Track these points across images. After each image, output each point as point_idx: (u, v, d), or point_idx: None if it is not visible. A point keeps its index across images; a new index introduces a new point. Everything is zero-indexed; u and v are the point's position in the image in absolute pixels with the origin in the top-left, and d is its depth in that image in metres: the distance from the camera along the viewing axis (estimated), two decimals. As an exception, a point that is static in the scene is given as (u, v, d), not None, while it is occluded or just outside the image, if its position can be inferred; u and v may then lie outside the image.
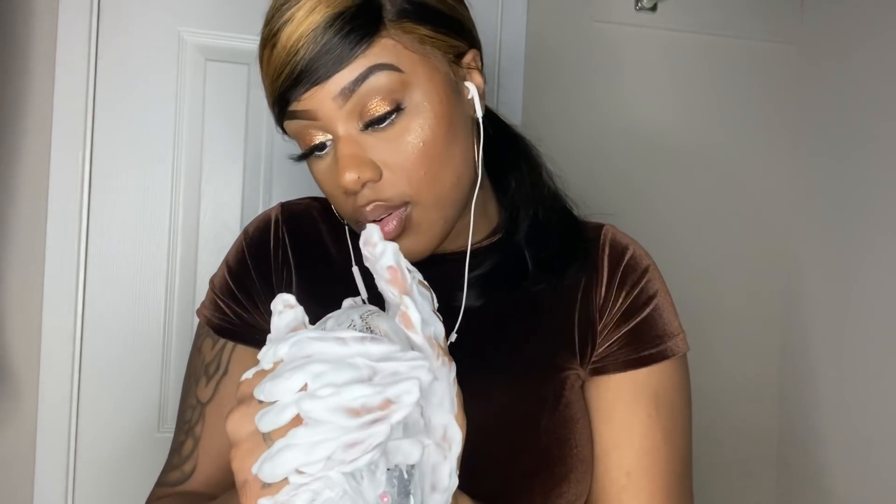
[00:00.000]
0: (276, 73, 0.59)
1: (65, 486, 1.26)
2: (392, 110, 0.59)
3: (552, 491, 0.64)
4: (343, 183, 0.59)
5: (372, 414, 0.40)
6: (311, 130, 0.61)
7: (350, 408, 0.40)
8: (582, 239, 0.72)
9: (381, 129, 0.59)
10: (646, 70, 1.49)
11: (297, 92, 0.59)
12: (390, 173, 0.60)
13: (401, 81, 0.59)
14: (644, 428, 0.66)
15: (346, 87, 0.58)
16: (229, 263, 0.76)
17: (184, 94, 1.31)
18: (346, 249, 0.73)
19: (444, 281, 0.66)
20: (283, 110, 0.61)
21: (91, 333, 1.28)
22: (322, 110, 0.59)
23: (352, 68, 0.58)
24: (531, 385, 0.67)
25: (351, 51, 0.57)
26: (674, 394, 0.68)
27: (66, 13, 1.26)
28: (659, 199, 1.49)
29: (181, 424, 0.74)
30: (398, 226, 0.61)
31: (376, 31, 0.58)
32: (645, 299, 0.69)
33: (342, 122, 0.59)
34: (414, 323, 0.43)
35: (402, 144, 0.60)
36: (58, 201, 1.26)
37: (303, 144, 0.63)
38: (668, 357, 0.67)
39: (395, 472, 0.42)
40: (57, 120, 1.26)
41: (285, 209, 0.78)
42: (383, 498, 0.41)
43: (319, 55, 0.57)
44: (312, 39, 0.57)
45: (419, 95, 0.60)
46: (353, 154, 0.59)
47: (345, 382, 0.40)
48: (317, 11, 0.58)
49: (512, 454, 0.64)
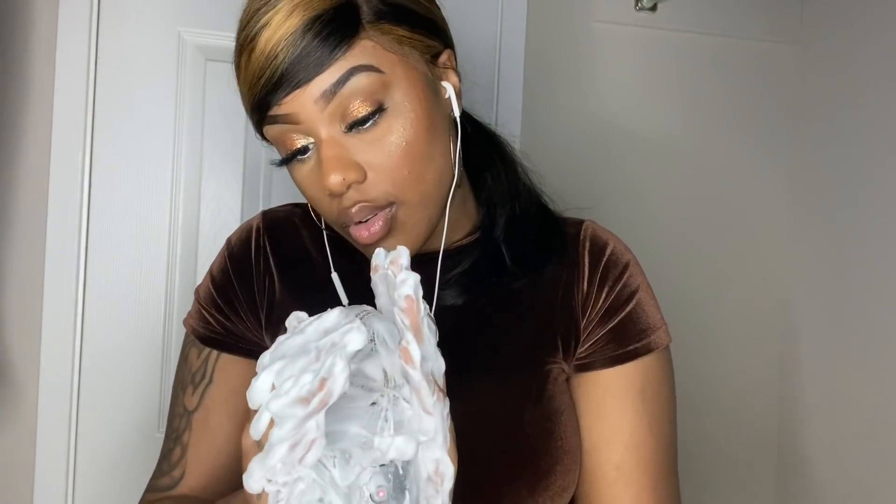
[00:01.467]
0: (254, 78, 0.59)
1: (65, 486, 1.26)
2: (374, 111, 0.59)
3: (538, 483, 0.65)
4: (328, 185, 0.59)
5: (316, 397, 0.40)
6: (293, 134, 0.61)
7: (301, 397, 0.40)
8: (559, 233, 0.73)
9: (364, 130, 0.60)
10: (646, 70, 1.49)
11: (277, 96, 0.59)
12: (374, 174, 0.60)
13: (381, 82, 0.59)
14: (632, 423, 0.67)
15: (328, 89, 0.58)
16: (213, 274, 0.77)
17: (184, 94, 1.31)
18: (325, 252, 0.74)
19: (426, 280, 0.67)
20: (263, 115, 0.61)
21: (91, 333, 1.28)
22: (303, 114, 0.59)
23: (332, 71, 0.58)
24: (515, 379, 0.68)
25: (331, 53, 0.57)
26: (659, 386, 0.69)
27: (66, 13, 1.26)
28: (659, 199, 1.49)
29: (170, 432, 0.75)
30: (384, 226, 0.61)
31: (355, 34, 0.58)
32: (627, 295, 0.70)
33: (324, 125, 0.59)
34: (414, 360, 0.43)
35: (386, 145, 0.60)
36: (58, 201, 1.26)
37: (283, 149, 0.62)
38: (652, 350, 0.69)
39: (389, 468, 0.42)
40: (57, 120, 1.26)
41: (267, 217, 0.79)
42: (380, 493, 0.41)
43: (299, 59, 0.57)
44: (291, 43, 0.57)
45: (399, 95, 0.60)
46: (337, 156, 0.59)
47: (301, 371, 0.41)
48: (294, 15, 0.58)
49: (497, 448, 0.65)
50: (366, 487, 0.42)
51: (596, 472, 0.68)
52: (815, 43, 1.50)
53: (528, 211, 0.74)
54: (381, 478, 0.42)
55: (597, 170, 1.45)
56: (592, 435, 0.68)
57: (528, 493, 0.65)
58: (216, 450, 0.72)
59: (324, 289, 0.72)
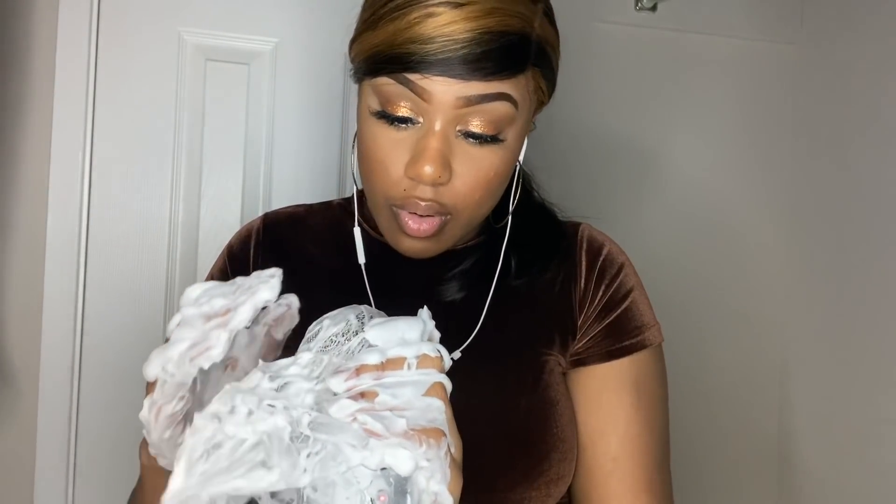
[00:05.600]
0: (419, 40, 0.58)
1: (65, 486, 1.26)
2: (492, 136, 0.62)
3: (533, 469, 0.67)
4: (421, 171, 0.60)
5: (215, 320, 0.47)
6: (406, 102, 0.61)
7: (206, 314, 0.47)
8: (563, 239, 0.76)
9: (472, 144, 0.62)
10: (646, 70, 1.49)
11: (431, 70, 0.59)
12: (456, 185, 0.63)
13: (510, 117, 0.62)
14: (627, 416, 0.70)
15: (475, 97, 0.60)
16: (214, 276, 0.79)
17: (184, 94, 1.31)
18: (328, 251, 0.77)
19: (430, 278, 0.72)
20: (394, 68, 0.60)
21: (91, 333, 1.28)
22: (439, 99, 0.60)
23: (488, 85, 0.60)
24: (511, 368, 0.70)
25: (499, 71, 0.59)
26: (653, 382, 0.72)
27: (66, 13, 1.26)
28: (657, 199, 1.49)
29: None
30: (432, 230, 0.65)
31: (522, 68, 0.61)
32: (623, 293, 0.73)
33: (446, 120, 0.61)
34: (378, 432, 0.43)
35: (480, 168, 0.63)
36: (58, 201, 1.26)
37: (383, 104, 0.62)
38: (646, 346, 0.72)
39: (391, 471, 0.42)
40: (57, 120, 1.26)
41: (267, 218, 0.81)
42: (381, 498, 0.41)
43: (474, 57, 0.58)
44: (476, 40, 0.58)
45: (513, 135, 0.64)
46: (442, 152, 0.61)
47: (218, 295, 0.48)
48: (490, 16, 0.59)
49: (494, 435, 0.67)
50: (366, 491, 0.42)
51: (592, 464, 0.70)
52: (815, 43, 1.50)
53: (534, 217, 0.77)
54: (382, 482, 0.42)
55: (596, 169, 1.45)
56: (588, 428, 0.70)
57: (523, 479, 0.66)
58: None
59: (325, 288, 0.73)
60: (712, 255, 1.51)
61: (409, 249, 0.67)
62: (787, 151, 1.54)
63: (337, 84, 1.36)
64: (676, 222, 1.50)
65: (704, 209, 1.51)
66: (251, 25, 1.30)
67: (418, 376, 0.46)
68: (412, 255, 0.68)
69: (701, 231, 1.51)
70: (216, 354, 0.46)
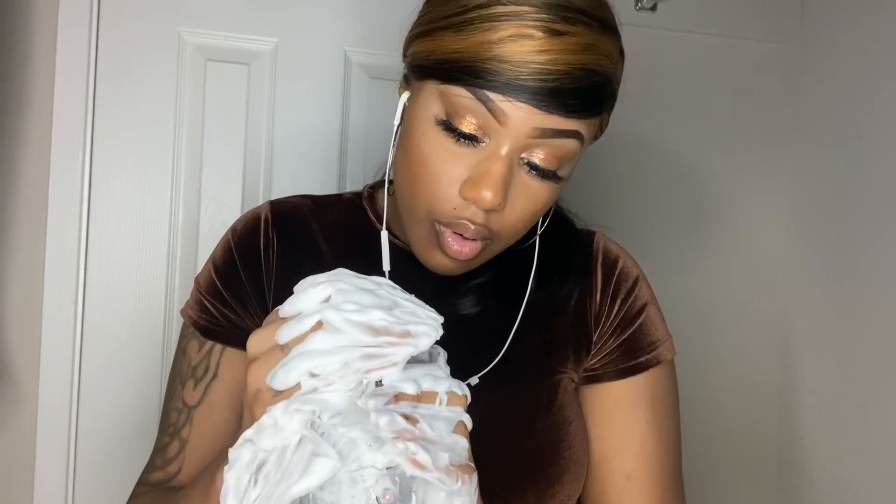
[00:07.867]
0: (510, 59, 0.55)
1: (65, 486, 1.26)
2: (552, 171, 0.61)
3: (545, 491, 0.65)
4: (480, 195, 0.58)
5: (390, 337, 0.43)
6: (475, 119, 0.58)
7: (371, 326, 0.43)
8: (582, 252, 0.74)
9: (532, 176, 0.60)
10: (646, 70, 1.49)
11: (517, 94, 0.56)
12: (508, 213, 0.61)
13: (575, 154, 0.61)
14: (642, 433, 0.69)
15: (550, 130, 0.58)
16: (216, 262, 0.75)
17: (184, 94, 1.31)
18: (340, 249, 0.74)
19: (445, 290, 0.70)
20: (477, 84, 0.56)
21: (91, 333, 1.28)
22: (516, 125, 0.57)
23: (568, 122, 0.58)
24: (526, 388, 0.69)
25: (582, 111, 0.58)
26: (666, 397, 0.71)
27: (66, 13, 1.26)
28: (656, 200, 1.49)
29: (165, 427, 0.74)
30: (474, 253, 0.62)
31: (601, 111, 0.61)
32: (638, 308, 0.72)
33: (516, 147, 0.58)
34: (425, 465, 0.42)
35: (533, 200, 0.61)
36: (58, 201, 1.26)
37: (451, 115, 0.59)
38: (660, 362, 0.70)
39: (396, 470, 0.42)
40: (57, 120, 1.26)
41: (275, 207, 0.77)
42: (386, 496, 0.41)
43: (564, 93, 0.56)
44: (571, 75, 0.56)
45: (568, 171, 0.63)
46: (505, 179, 0.59)
47: (368, 306, 0.44)
48: (588, 53, 0.57)
49: (506, 455, 0.65)
50: (372, 490, 0.42)
51: (606, 481, 0.69)
52: (815, 43, 1.50)
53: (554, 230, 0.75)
54: (387, 480, 0.42)
55: (595, 170, 1.45)
56: (603, 445, 0.69)
57: (535, 500, 0.65)
58: (219, 446, 0.71)
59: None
60: (712, 255, 1.51)
61: (439, 267, 0.65)
62: (787, 152, 1.54)
63: (337, 84, 1.35)
64: (673, 223, 1.50)
65: (704, 209, 1.51)
66: (251, 25, 1.30)
67: (449, 413, 0.46)
68: (440, 272, 0.65)
69: (700, 231, 1.51)
70: (395, 371, 0.43)
